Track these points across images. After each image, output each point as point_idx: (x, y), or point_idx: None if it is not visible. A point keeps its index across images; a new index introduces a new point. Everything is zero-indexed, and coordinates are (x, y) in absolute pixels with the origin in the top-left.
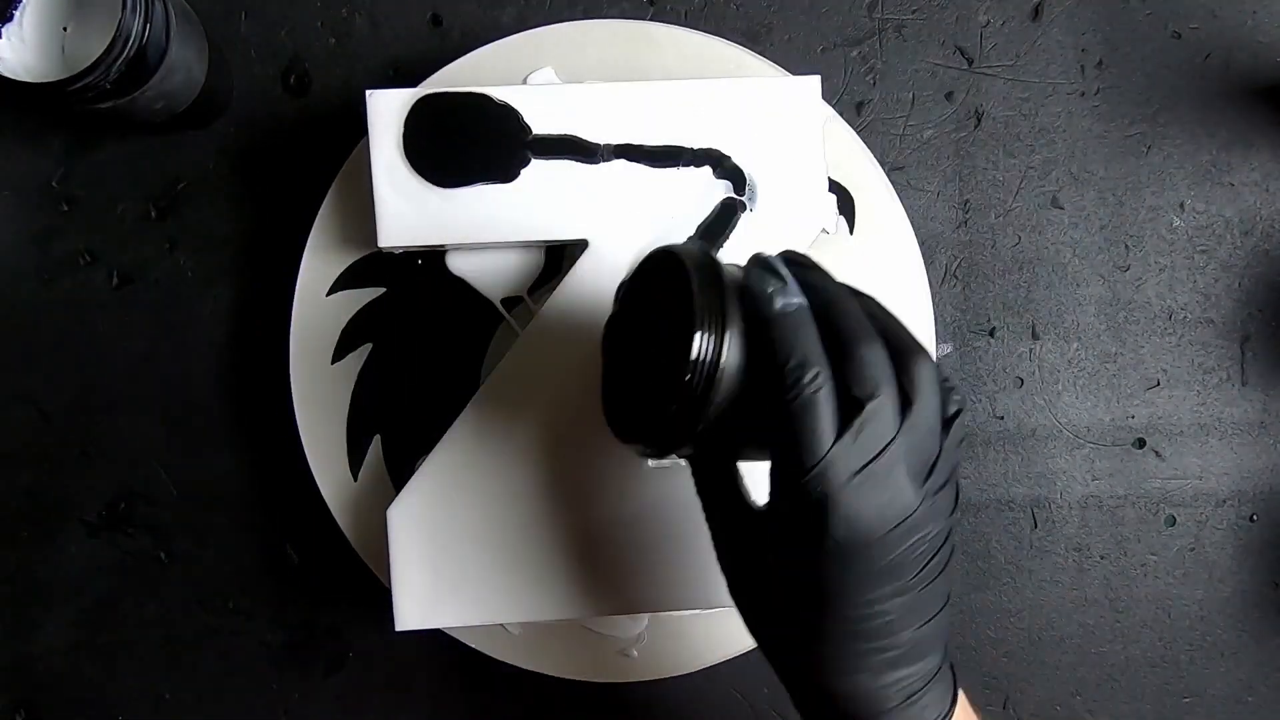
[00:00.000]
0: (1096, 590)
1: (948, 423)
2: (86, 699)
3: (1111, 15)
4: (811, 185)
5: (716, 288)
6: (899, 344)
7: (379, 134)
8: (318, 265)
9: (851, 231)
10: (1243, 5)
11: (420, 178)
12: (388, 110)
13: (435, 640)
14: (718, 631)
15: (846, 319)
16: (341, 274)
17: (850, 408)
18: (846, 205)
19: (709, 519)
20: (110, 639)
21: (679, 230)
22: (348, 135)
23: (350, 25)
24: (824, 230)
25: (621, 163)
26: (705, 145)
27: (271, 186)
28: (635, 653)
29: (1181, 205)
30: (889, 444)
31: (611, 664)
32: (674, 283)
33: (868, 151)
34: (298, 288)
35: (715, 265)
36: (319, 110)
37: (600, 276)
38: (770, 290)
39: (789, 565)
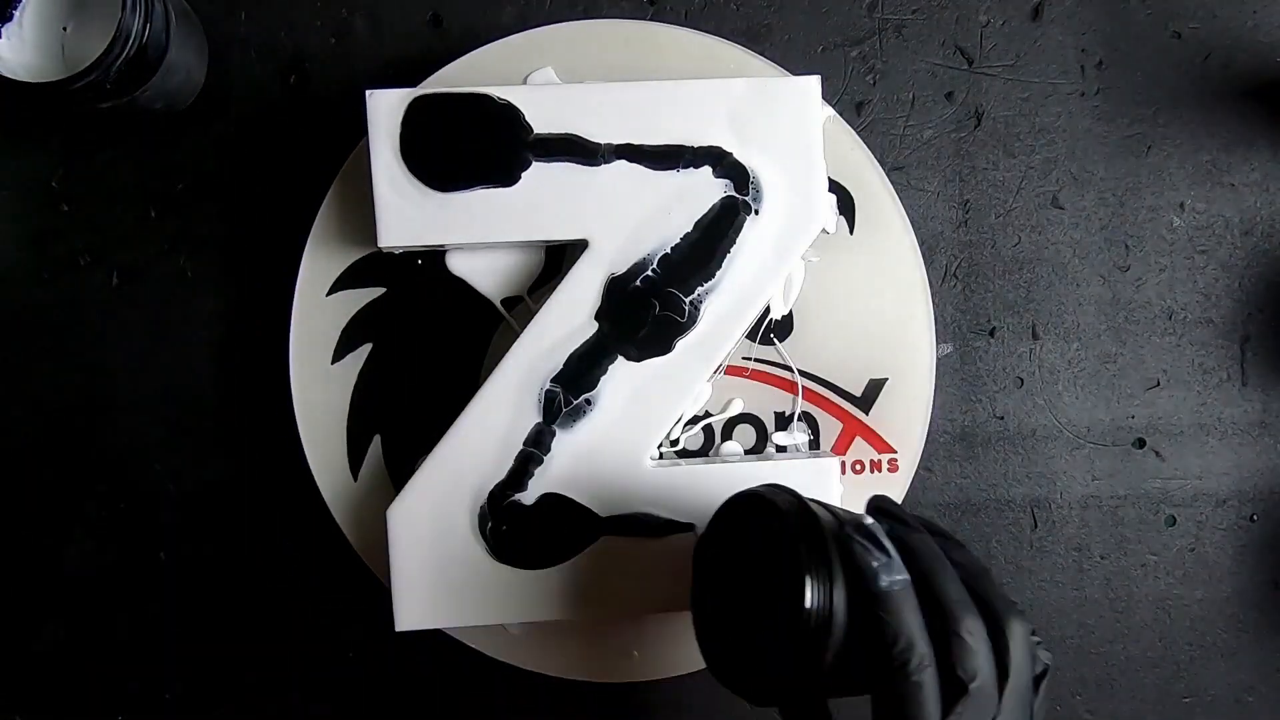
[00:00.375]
0: (1096, 590)
1: (1037, 680)
2: (86, 699)
3: (1111, 15)
4: (812, 185)
5: (819, 540)
6: (993, 608)
7: (379, 134)
8: (318, 265)
9: (851, 231)
10: (1243, 5)
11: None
12: (387, 110)
13: (435, 640)
14: None
15: (947, 592)
16: (341, 274)
17: (954, 687)
18: (846, 205)
19: None
20: (110, 639)
21: (678, 228)
22: (348, 135)
23: (350, 25)
24: (824, 230)
25: (622, 163)
26: (706, 144)
27: (272, 186)
28: (635, 653)
29: (1181, 205)
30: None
31: (611, 664)
32: (773, 532)
33: (868, 151)
34: (298, 288)
35: (812, 517)
36: (319, 111)
37: (600, 276)
38: (876, 565)
39: None
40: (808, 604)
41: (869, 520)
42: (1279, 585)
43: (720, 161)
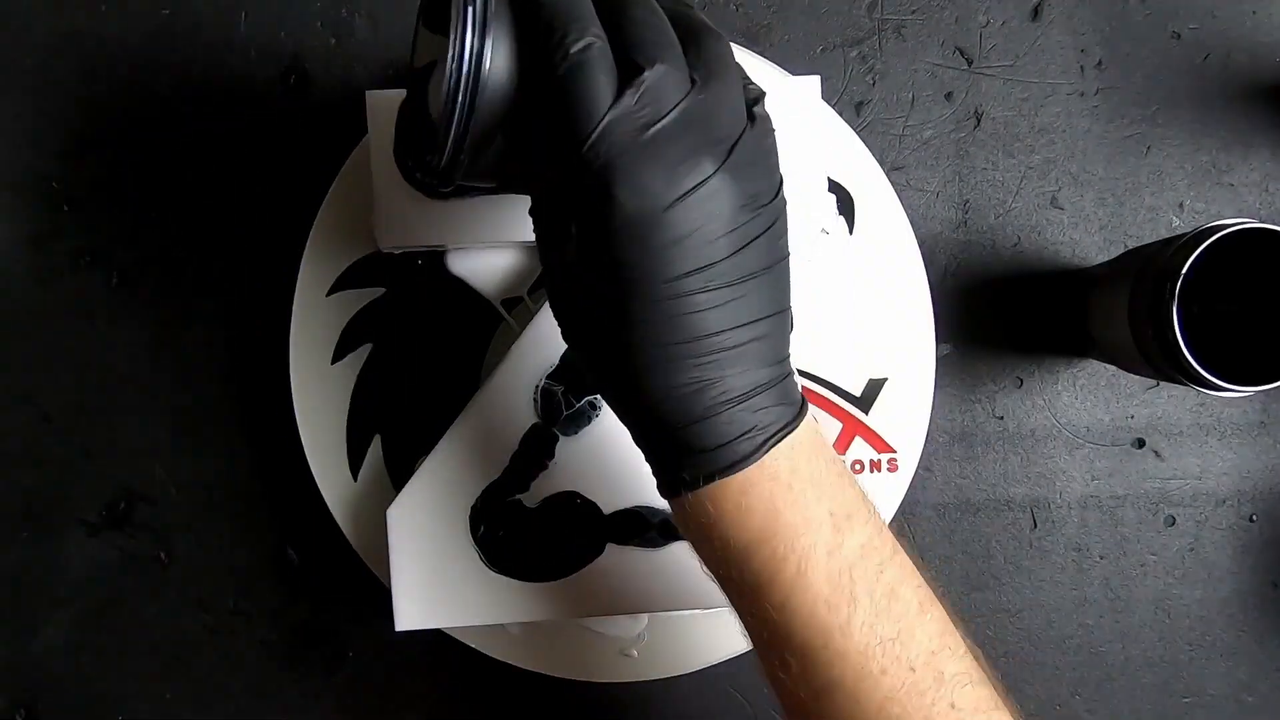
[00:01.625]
0: (1096, 590)
1: (750, 111)
2: (86, 699)
3: (1111, 15)
4: (811, 185)
5: None
6: (687, 23)
7: (379, 135)
8: (318, 265)
9: (851, 231)
10: (1243, 5)
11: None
12: (387, 111)
13: (435, 640)
14: (718, 631)
15: None
16: (341, 274)
17: (629, 73)
18: (846, 205)
19: (541, 256)
20: (110, 639)
21: None
22: (348, 135)
23: (350, 25)
24: (824, 230)
25: None
26: None
27: (272, 186)
28: (635, 653)
29: (1181, 205)
30: (676, 105)
31: (611, 664)
32: None
33: (867, 151)
34: (298, 288)
35: None
36: (319, 110)
37: None
38: None
39: (588, 258)
40: (453, 45)
41: None
42: (1279, 585)
43: None
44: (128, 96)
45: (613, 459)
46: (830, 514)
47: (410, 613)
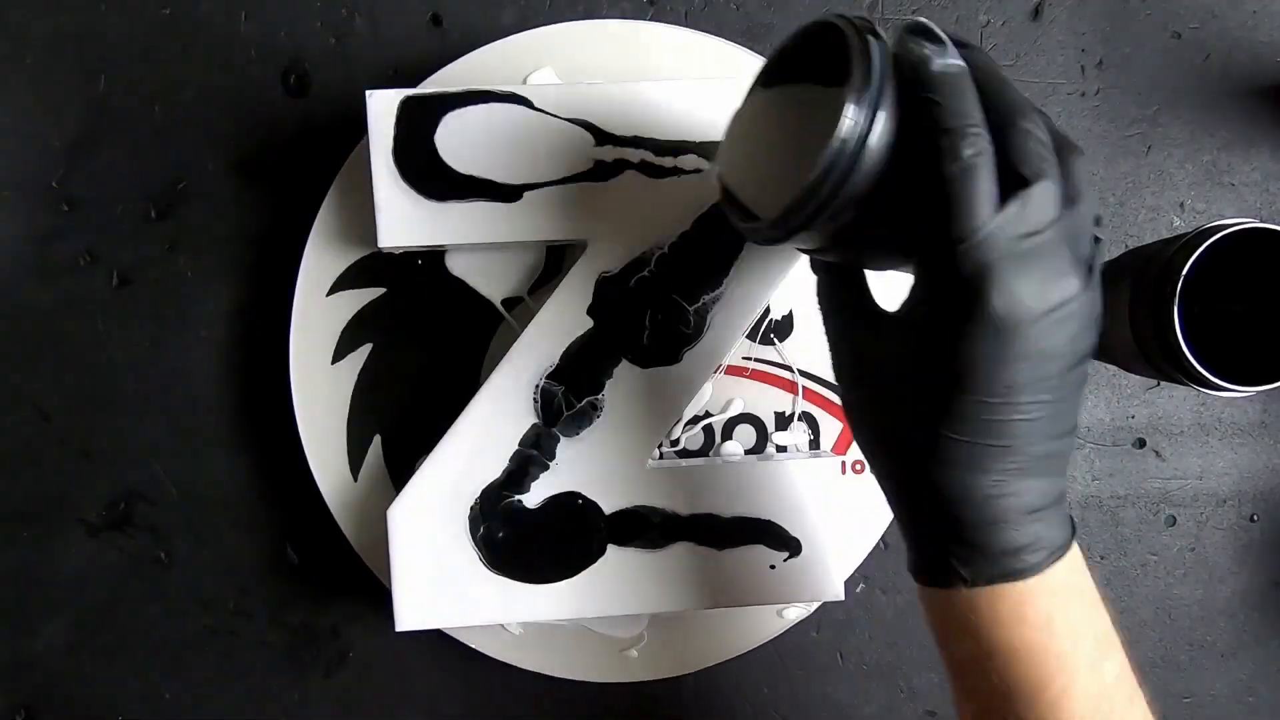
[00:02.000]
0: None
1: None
2: (86, 699)
3: (1111, 15)
4: None
5: (870, 53)
6: (1058, 138)
7: (379, 134)
8: (318, 265)
9: None
10: (1243, 5)
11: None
12: (388, 111)
13: (435, 640)
14: (718, 631)
15: (1008, 89)
16: (342, 274)
17: (1013, 184)
18: None
19: (827, 319)
20: (110, 639)
21: (677, 227)
22: (348, 135)
23: (350, 25)
24: None
25: (628, 173)
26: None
27: (271, 186)
28: (635, 653)
29: (1181, 205)
30: (1054, 222)
31: (611, 664)
32: (826, 47)
33: None
34: (298, 288)
35: (875, 31)
36: (319, 110)
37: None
38: (928, 52)
39: (927, 348)
40: (848, 114)
41: (922, 20)
42: (1279, 585)
43: None
44: (128, 96)
45: (614, 459)
46: (1094, 637)
47: (411, 613)
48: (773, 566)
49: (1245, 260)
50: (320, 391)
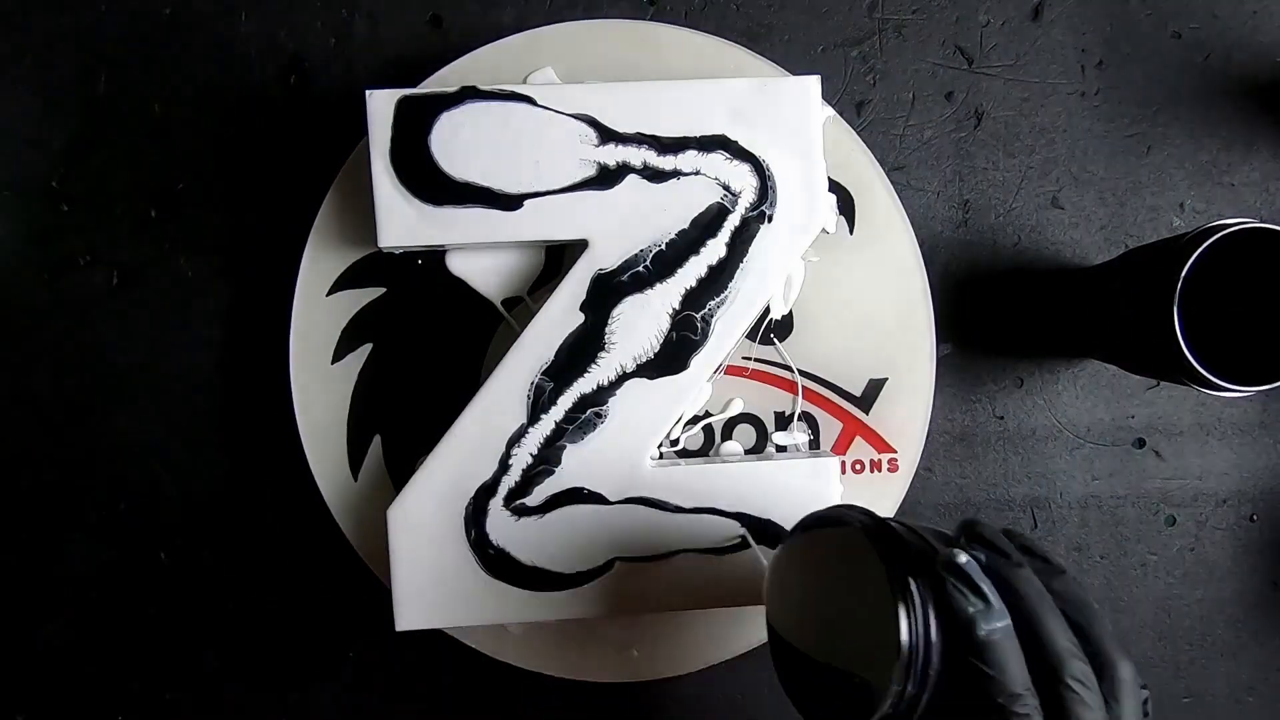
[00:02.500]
0: (1096, 590)
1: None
2: (86, 699)
3: (1111, 15)
4: (813, 185)
5: (914, 613)
6: (1099, 647)
7: (378, 135)
8: (318, 265)
9: (851, 231)
10: (1243, 5)
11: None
12: (386, 111)
13: (435, 640)
14: (718, 631)
15: (1053, 637)
16: (342, 274)
17: None
18: (847, 205)
19: None
20: (110, 639)
21: (674, 226)
22: (348, 135)
23: (350, 25)
24: (825, 230)
25: (632, 177)
26: (712, 135)
27: (271, 186)
28: (635, 652)
29: (1181, 205)
30: None
31: (611, 664)
32: (858, 566)
33: (868, 151)
34: (298, 288)
35: (896, 540)
36: (319, 111)
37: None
38: (973, 612)
39: None
40: (903, 638)
41: (962, 558)
42: (1279, 585)
43: (728, 147)
44: (128, 96)
45: (616, 460)
46: None
47: (410, 613)
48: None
49: (1244, 260)
50: (320, 392)
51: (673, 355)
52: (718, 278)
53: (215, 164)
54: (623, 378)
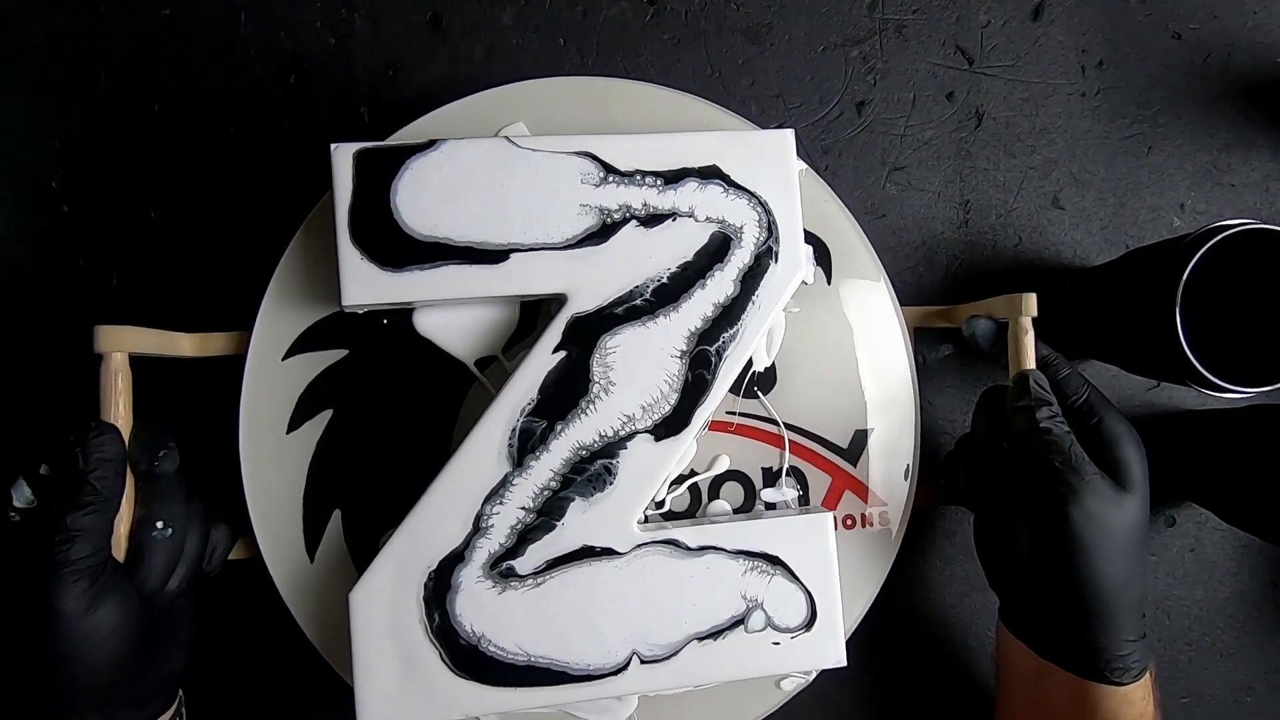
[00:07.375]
0: None
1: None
2: None
3: (1111, 15)
4: (790, 236)
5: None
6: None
7: (343, 187)
8: (273, 326)
9: (829, 282)
10: (1243, 5)
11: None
12: (347, 163)
13: None
14: (708, 713)
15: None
16: (300, 335)
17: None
18: (823, 256)
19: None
20: None
21: (670, 262)
22: (347, 136)
23: (350, 25)
24: (803, 281)
25: (628, 227)
26: (706, 163)
27: (271, 186)
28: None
29: (1181, 205)
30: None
31: None
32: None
33: (840, 203)
34: (250, 351)
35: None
36: (319, 111)
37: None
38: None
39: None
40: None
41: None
42: (1279, 585)
43: (725, 178)
44: (128, 96)
45: (607, 524)
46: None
47: (376, 711)
48: (776, 643)
49: (1245, 261)
50: (274, 463)
51: (684, 410)
52: (730, 310)
53: (215, 164)
54: (629, 426)
